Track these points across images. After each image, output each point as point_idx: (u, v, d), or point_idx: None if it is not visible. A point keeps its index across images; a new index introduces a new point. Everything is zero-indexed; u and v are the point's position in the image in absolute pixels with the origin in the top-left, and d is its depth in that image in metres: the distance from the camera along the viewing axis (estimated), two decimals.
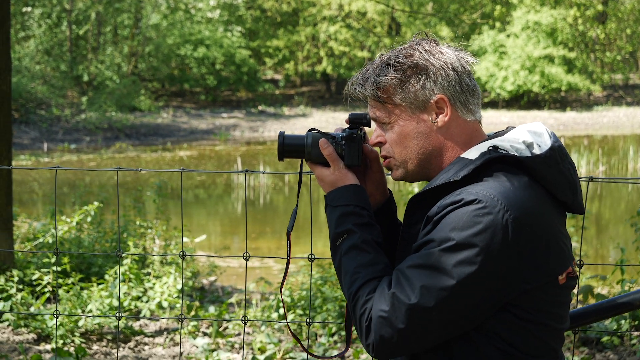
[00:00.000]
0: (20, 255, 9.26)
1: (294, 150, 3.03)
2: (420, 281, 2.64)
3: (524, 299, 2.71)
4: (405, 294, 2.65)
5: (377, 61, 2.90)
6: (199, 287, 10.10)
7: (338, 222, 2.88)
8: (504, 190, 2.68)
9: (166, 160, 27.86)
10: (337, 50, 47.08)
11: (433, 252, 2.65)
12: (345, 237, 2.84)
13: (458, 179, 2.73)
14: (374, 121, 2.93)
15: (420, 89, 2.82)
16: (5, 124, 8.30)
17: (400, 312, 2.65)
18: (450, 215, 2.66)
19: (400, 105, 2.84)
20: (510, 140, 2.80)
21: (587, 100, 47.47)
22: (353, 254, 2.81)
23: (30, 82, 36.22)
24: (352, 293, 2.76)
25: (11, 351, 7.62)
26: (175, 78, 46.33)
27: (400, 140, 2.87)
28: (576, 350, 7.57)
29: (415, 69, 2.83)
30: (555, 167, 2.80)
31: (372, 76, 2.87)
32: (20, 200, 18.99)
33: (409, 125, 2.85)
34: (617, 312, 3.51)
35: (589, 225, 14.61)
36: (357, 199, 2.92)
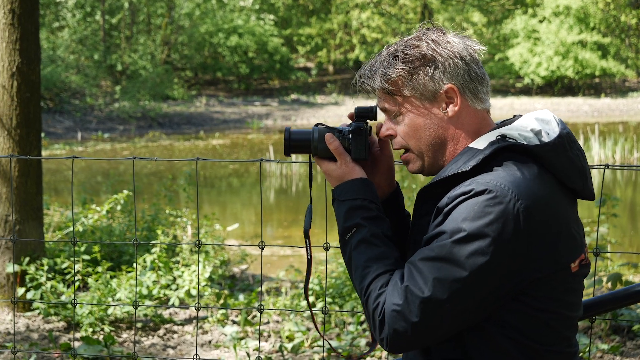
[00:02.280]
0: (51, 243, 9.32)
1: (301, 146, 3.01)
2: (433, 273, 2.63)
3: (535, 288, 2.70)
4: (419, 287, 2.64)
5: (384, 53, 2.89)
6: (230, 275, 10.12)
7: (346, 216, 2.86)
8: (514, 180, 2.67)
9: (199, 148, 27.92)
10: (369, 37, 46.98)
11: (445, 243, 2.64)
12: (355, 232, 2.83)
13: (467, 170, 2.72)
14: (384, 113, 2.92)
15: (429, 79, 2.81)
16: (35, 114, 8.34)
17: (414, 306, 2.64)
18: (461, 206, 2.66)
19: (409, 97, 2.84)
20: (519, 129, 2.79)
21: (622, 87, 47.10)
22: (362, 248, 2.80)
23: (64, 71, 36.39)
24: (364, 287, 2.75)
25: (42, 339, 7.69)
26: (208, 66, 46.42)
27: (413, 132, 2.86)
28: (607, 338, 7.53)
29: (423, 59, 2.82)
30: (564, 154, 2.79)
31: (379, 69, 2.86)
32: (55, 189, 19.12)
33: (420, 116, 2.84)
34: (633, 300, 3.49)
35: (622, 213, 14.49)
36: (364, 192, 2.90)
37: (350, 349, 7.41)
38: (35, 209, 8.45)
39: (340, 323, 8.08)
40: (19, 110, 8.20)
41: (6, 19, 8.10)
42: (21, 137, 8.24)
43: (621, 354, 7.20)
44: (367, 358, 7.35)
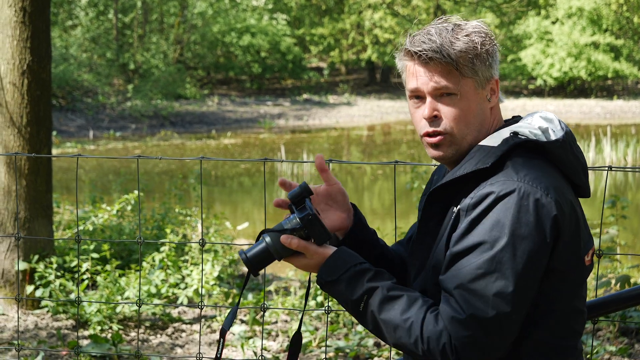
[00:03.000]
0: (60, 242, 9.34)
1: (263, 259, 2.88)
2: (489, 290, 2.60)
3: (558, 280, 2.72)
4: (482, 310, 2.60)
5: (441, 28, 2.79)
6: (239, 274, 10.13)
7: (349, 290, 2.76)
8: (538, 175, 2.68)
9: (210, 148, 27.94)
10: (382, 37, 46.94)
11: (489, 255, 2.61)
12: (367, 298, 2.73)
13: (488, 166, 2.69)
14: (430, 93, 2.79)
15: (487, 67, 2.79)
16: (45, 112, 8.36)
17: (485, 331, 2.61)
18: (494, 211, 2.64)
19: (469, 78, 2.77)
20: (527, 127, 2.79)
21: (635, 89, 46.99)
22: (388, 306, 2.71)
23: (77, 70, 36.46)
24: (418, 338, 2.66)
25: (50, 337, 7.70)
26: (221, 66, 46.44)
27: (464, 115, 2.79)
28: (615, 340, 7.51)
29: (492, 46, 2.80)
30: (571, 151, 2.81)
31: (450, 41, 2.75)
32: (67, 187, 19.15)
33: (473, 101, 2.79)
34: (636, 302, 3.48)
35: (634, 216, 14.45)
36: (348, 260, 2.81)
37: (358, 349, 7.40)
38: (45, 207, 8.47)
39: (348, 323, 8.08)
40: (30, 108, 8.22)
41: (17, 17, 8.12)
42: (31, 135, 8.25)
43: (629, 356, 7.18)
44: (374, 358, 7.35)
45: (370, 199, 19.35)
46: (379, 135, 32.62)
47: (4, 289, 8.36)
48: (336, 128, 34.62)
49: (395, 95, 45.35)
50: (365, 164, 5.64)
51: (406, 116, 38.19)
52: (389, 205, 18.54)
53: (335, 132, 33.48)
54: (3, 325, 7.98)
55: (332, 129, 34.21)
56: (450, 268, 2.68)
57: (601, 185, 17.70)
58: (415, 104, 2.85)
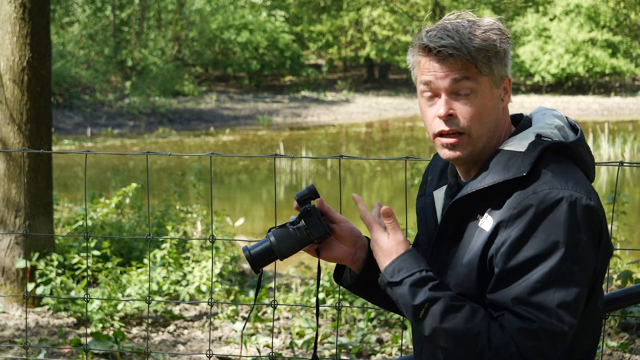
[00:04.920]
0: (61, 239, 9.32)
1: (265, 258, 2.91)
2: (552, 302, 2.57)
3: (594, 282, 2.72)
4: (549, 323, 2.57)
5: (465, 25, 2.72)
6: (240, 271, 10.11)
7: (411, 294, 2.69)
8: (577, 180, 2.66)
9: (209, 145, 27.92)
10: (380, 34, 46.89)
11: (547, 268, 2.58)
12: (428, 306, 2.66)
13: (524, 175, 2.64)
14: (449, 89, 2.72)
15: (503, 66, 2.73)
16: (45, 109, 8.33)
17: (552, 341, 2.59)
18: (546, 223, 2.59)
19: (486, 76, 2.71)
20: (547, 127, 2.74)
21: (632, 86, 46.99)
22: (452, 316, 2.64)
23: (74, 67, 36.41)
24: (485, 347, 2.61)
25: (51, 335, 7.68)
26: (219, 63, 46.39)
27: (480, 114, 2.72)
28: (616, 335, 7.50)
29: (507, 44, 2.74)
30: (586, 147, 2.79)
31: (469, 37, 2.69)
32: (64, 184, 19.14)
33: (489, 99, 2.73)
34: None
35: (631, 211, 14.45)
36: (414, 264, 2.74)
37: (361, 346, 7.39)
38: (45, 204, 8.44)
39: (350, 320, 8.06)
40: (30, 105, 8.19)
41: (17, 13, 8.09)
42: (31, 131, 8.23)
43: (630, 351, 7.18)
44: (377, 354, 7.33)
45: (369, 196, 19.33)
46: (377, 132, 32.61)
47: (4, 286, 8.34)
48: (334, 125, 34.60)
49: (394, 92, 45.33)
50: (377, 159, 5.64)
51: (404, 113, 38.19)
52: (388, 201, 18.53)
53: (334, 129, 33.47)
54: (4, 323, 7.95)
55: (330, 126, 34.20)
56: (504, 285, 2.64)
57: (599, 181, 17.70)
58: (428, 101, 2.77)
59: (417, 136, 30.19)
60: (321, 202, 2.95)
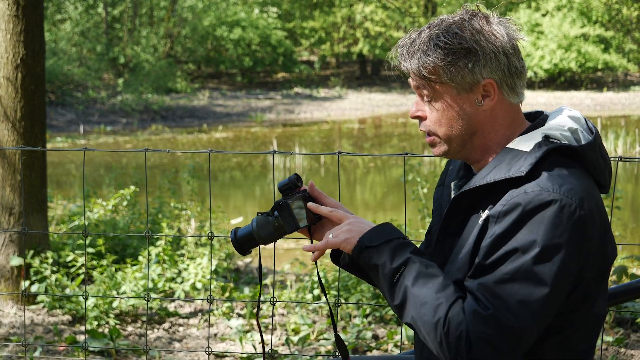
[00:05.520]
0: (55, 237, 9.30)
1: (248, 240, 3.02)
2: (514, 297, 2.57)
3: (582, 289, 2.69)
4: (504, 315, 2.57)
5: (424, 35, 2.76)
6: (234, 268, 10.10)
7: (390, 257, 2.73)
8: (573, 186, 2.63)
9: (202, 142, 27.90)
10: (373, 31, 46.89)
11: (518, 262, 2.58)
12: (404, 270, 2.70)
13: (523, 175, 2.65)
14: (416, 91, 2.81)
15: (468, 72, 2.72)
16: (40, 106, 8.31)
17: (502, 334, 2.57)
18: (530, 223, 2.59)
19: (446, 84, 2.73)
20: (558, 128, 2.74)
21: (624, 81, 47.06)
22: (422, 282, 2.68)
23: (67, 64, 36.36)
24: (442, 319, 2.61)
25: (46, 332, 7.66)
26: (211, 59, 46.36)
27: (445, 120, 2.76)
28: (611, 330, 7.52)
29: (465, 51, 2.72)
30: (599, 152, 2.77)
31: (418, 53, 2.74)
32: (57, 182, 19.11)
33: (454, 106, 2.75)
34: None
35: (625, 206, 14.48)
36: (395, 232, 2.80)
37: (357, 342, 7.39)
38: (40, 201, 8.42)
39: (345, 316, 8.06)
40: (24, 102, 8.17)
41: (10, 11, 8.07)
42: (26, 129, 8.20)
43: (625, 346, 7.19)
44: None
45: (362, 192, 19.34)
46: (370, 128, 32.60)
47: None
48: (327, 121, 34.60)
49: (386, 88, 45.32)
50: (376, 156, 5.66)
51: (397, 109, 38.21)
52: (381, 197, 18.54)
53: (327, 125, 33.47)
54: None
55: (323, 122, 34.19)
56: (478, 275, 2.65)
57: None
58: None
59: (410, 132, 30.19)
60: (312, 187, 3.02)
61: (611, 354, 6.96)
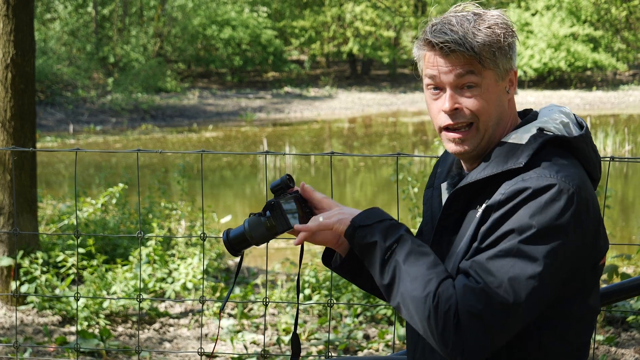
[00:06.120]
0: (45, 237, 9.27)
1: (240, 241, 3.02)
2: (506, 274, 2.57)
3: (576, 280, 2.70)
4: (494, 289, 2.56)
5: (469, 18, 2.75)
6: (224, 268, 10.09)
7: (381, 235, 2.72)
8: (570, 172, 2.65)
9: (192, 141, 27.87)
10: (363, 30, 46.90)
11: (514, 242, 2.58)
12: (396, 247, 2.69)
13: (522, 166, 2.66)
14: (454, 83, 2.74)
15: (508, 59, 2.75)
16: (30, 106, 8.28)
17: (490, 309, 2.57)
18: (527, 206, 2.60)
19: (491, 70, 2.73)
20: (551, 122, 2.76)
21: (613, 80, 47.16)
22: (414, 259, 2.67)
23: (56, 63, 36.28)
24: (431, 293, 2.60)
25: (36, 333, 7.64)
26: (201, 59, 46.31)
27: (487, 106, 2.75)
28: (601, 329, 7.53)
29: (512, 38, 2.76)
30: (591, 145, 2.80)
31: (472, 32, 2.71)
32: (46, 181, 19.06)
33: (495, 92, 2.75)
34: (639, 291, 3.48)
35: (614, 205, 14.51)
36: (386, 215, 2.79)
37: (348, 342, 7.38)
38: (30, 201, 8.40)
39: (336, 316, 8.05)
40: (14, 102, 8.15)
41: (0, 10, 8.04)
42: (15, 129, 8.18)
43: (616, 345, 7.21)
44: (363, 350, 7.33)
45: (353, 191, 19.34)
46: (360, 128, 32.60)
47: None
48: (317, 121, 34.60)
49: (376, 87, 45.34)
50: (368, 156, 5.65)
51: (387, 108, 38.23)
52: (372, 196, 18.54)
53: (317, 124, 33.47)
54: None
55: (313, 122, 34.20)
56: (474, 255, 2.66)
57: None
58: (433, 95, 2.80)
59: (400, 131, 30.21)
60: (303, 188, 3.02)
61: (602, 353, 6.97)
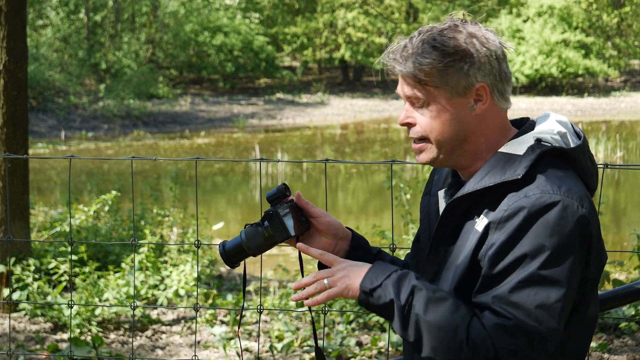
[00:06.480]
0: (37, 244, 9.25)
1: (237, 252, 3.00)
2: (532, 303, 2.56)
3: (585, 290, 2.71)
4: (526, 322, 2.56)
5: (417, 39, 2.76)
6: (217, 275, 10.08)
7: (396, 291, 2.69)
8: (571, 186, 2.65)
9: (184, 147, 27.85)
10: (355, 36, 46.91)
11: (531, 269, 2.58)
12: (412, 301, 2.66)
13: (520, 178, 2.65)
14: (406, 100, 2.80)
15: (463, 75, 2.72)
16: (22, 113, 8.27)
17: (529, 341, 2.57)
18: (535, 227, 2.59)
19: (440, 88, 2.73)
20: (548, 132, 2.75)
21: (605, 86, 47.25)
22: (433, 307, 2.64)
23: (48, 70, 36.24)
24: (464, 340, 2.60)
25: (28, 340, 7.62)
26: (193, 65, 46.28)
27: (437, 124, 2.75)
28: (594, 336, 7.53)
29: (461, 54, 2.71)
30: (588, 155, 2.79)
31: (413, 56, 2.73)
32: (38, 188, 19.03)
33: (447, 110, 2.75)
34: (634, 298, 3.48)
35: (606, 212, 14.54)
36: (388, 268, 2.75)
37: (341, 349, 7.38)
38: (22, 208, 8.38)
39: (329, 323, 8.05)
40: (6, 108, 8.13)
41: None
42: (7, 135, 8.16)
43: (609, 352, 7.21)
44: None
45: (344, 198, 19.34)
46: (352, 134, 32.62)
47: None
48: (309, 127, 34.61)
49: (368, 94, 45.35)
50: (363, 163, 5.64)
51: (379, 115, 38.24)
52: (363, 203, 18.55)
53: (309, 131, 33.47)
54: None
55: (305, 128, 34.20)
56: (489, 287, 2.64)
57: None
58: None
59: (392, 138, 30.23)
60: (298, 197, 3.01)
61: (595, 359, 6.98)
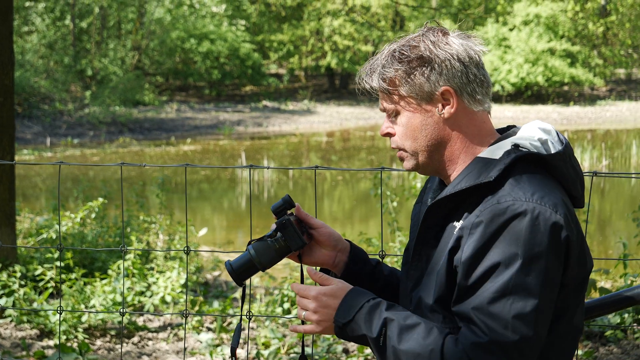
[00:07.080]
0: (23, 250, 9.24)
1: (247, 269, 3.00)
2: (509, 313, 2.58)
3: (564, 298, 2.71)
4: (503, 335, 2.58)
5: (384, 52, 2.85)
6: (203, 282, 10.08)
7: (367, 326, 2.73)
8: (545, 192, 2.66)
9: (170, 154, 27.82)
10: (341, 44, 46.99)
11: (504, 278, 2.59)
12: (385, 331, 2.69)
13: (492, 180, 2.67)
14: (384, 112, 2.89)
15: (425, 80, 2.77)
16: (8, 119, 8.26)
17: (506, 355, 2.58)
18: (506, 234, 2.61)
19: (406, 96, 2.80)
20: (527, 138, 2.77)
21: (591, 95, 47.41)
22: (407, 336, 2.67)
23: (34, 76, 36.16)
24: None
25: (14, 347, 7.60)
26: (180, 72, 46.26)
27: (409, 132, 2.83)
28: (580, 344, 7.55)
29: (420, 60, 2.78)
30: (570, 162, 2.80)
31: (378, 68, 2.83)
32: (23, 194, 18.98)
33: (416, 116, 2.81)
34: (620, 306, 3.49)
35: (592, 220, 14.59)
36: (360, 298, 2.78)
37: (327, 356, 7.38)
38: (8, 215, 8.37)
39: None
40: None
41: None
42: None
43: (594, 359, 7.23)
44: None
45: (330, 205, 19.35)
46: (338, 142, 32.65)
47: None
48: (296, 134, 34.62)
49: (355, 101, 45.41)
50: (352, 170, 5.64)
51: (365, 122, 38.29)
52: (349, 210, 18.56)
53: (295, 138, 33.48)
54: None
55: (291, 135, 34.21)
56: (466, 297, 2.65)
57: None
58: None
59: (378, 145, 30.26)
60: (298, 209, 3.05)
61: None
